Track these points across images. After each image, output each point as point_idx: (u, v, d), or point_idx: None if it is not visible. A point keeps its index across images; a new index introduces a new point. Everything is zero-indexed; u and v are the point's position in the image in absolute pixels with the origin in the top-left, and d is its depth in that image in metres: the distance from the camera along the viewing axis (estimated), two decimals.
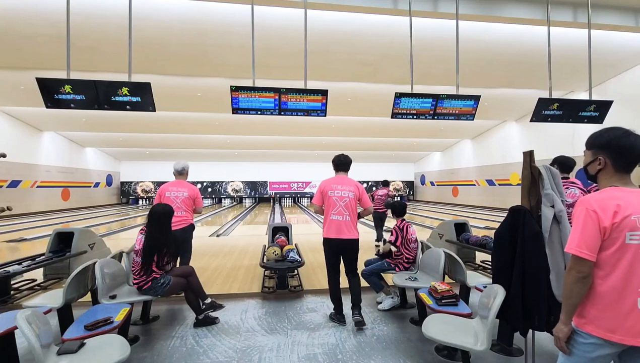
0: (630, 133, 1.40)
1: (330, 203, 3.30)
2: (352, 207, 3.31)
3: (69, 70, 4.04)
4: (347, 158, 3.49)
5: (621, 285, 1.29)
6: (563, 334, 1.40)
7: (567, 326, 1.40)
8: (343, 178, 3.42)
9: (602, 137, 1.44)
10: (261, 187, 24.65)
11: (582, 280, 1.33)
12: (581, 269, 1.33)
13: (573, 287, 1.35)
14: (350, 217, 3.28)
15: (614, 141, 1.40)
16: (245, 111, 4.47)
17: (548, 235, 2.04)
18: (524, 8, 6.28)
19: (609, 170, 1.42)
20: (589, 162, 1.49)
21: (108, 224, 12.21)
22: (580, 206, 1.36)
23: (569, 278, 1.36)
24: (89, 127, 15.50)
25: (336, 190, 3.31)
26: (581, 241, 1.32)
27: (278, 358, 2.66)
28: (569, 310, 1.39)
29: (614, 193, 1.35)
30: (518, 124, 15.17)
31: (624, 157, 1.39)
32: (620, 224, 1.29)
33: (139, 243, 3.04)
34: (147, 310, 3.35)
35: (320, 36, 6.82)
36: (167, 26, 6.67)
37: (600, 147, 1.44)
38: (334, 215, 3.26)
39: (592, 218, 1.31)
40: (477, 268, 4.99)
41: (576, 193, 3.07)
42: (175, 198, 3.90)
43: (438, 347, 2.78)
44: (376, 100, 10.77)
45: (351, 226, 3.28)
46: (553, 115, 5.22)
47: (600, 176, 1.46)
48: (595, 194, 1.38)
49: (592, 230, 1.31)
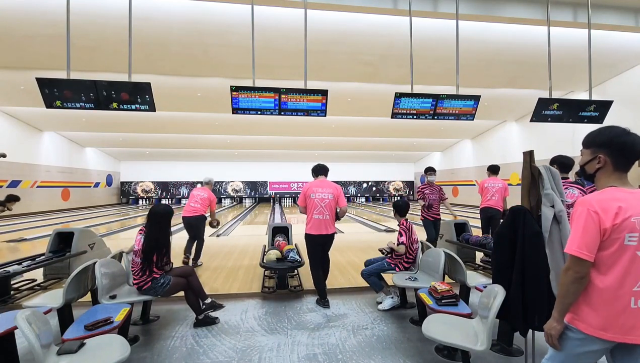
0: (628, 132, 1.39)
1: (312, 205, 3.78)
2: (331, 207, 3.79)
3: (69, 70, 4.04)
4: (324, 166, 4.06)
5: (616, 285, 1.30)
6: (556, 331, 1.41)
7: (560, 324, 1.41)
8: (323, 181, 3.92)
9: (603, 135, 1.43)
10: (261, 187, 24.65)
11: (580, 280, 1.34)
12: (580, 270, 1.33)
13: (570, 286, 1.36)
14: (330, 216, 3.78)
15: (615, 139, 1.39)
16: (245, 111, 4.47)
17: (548, 235, 2.04)
18: (524, 8, 6.28)
19: (608, 169, 1.41)
20: (587, 161, 1.48)
21: (108, 224, 12.20)
22: (581, 206, 1.35)
23: (567, 278, 1.36)
24: (89, 127, 15.50)
25: (317, 193, 3.79)
26: (582, 242, 1.31)
27: (278, 358, 2.66)
28: (562, 308, 1.40)
29: (615, 194, 1.34)
30: (518, 124, 15.17)
31: (624, 155, 1.38)
32: (621, 225, 1.28)
33: (138, 243, 3.04)
34: (147, 310, 3.35)
35: (320, 36, 6.82)
36: (167, 26, 6.66)
37: (600, 145, 1.43)
38: (316, 214, 3.75)
39: (593, 219, 1.31)
40: (477, 268, 4.99)
41: (575, 193, 3.07)
42: (197, 195, 5.43)
43: (438, 347, 2.78)
44: (376, 100, 10.77)
45: (330, 223, 3.81)
46: (553, 115, 5.21)
47: (598, 175, 1.45)
48: (596, 195, 1.37)
49: (593, 231, 1.30)
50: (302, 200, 3.87)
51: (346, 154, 22.48)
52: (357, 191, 25.58)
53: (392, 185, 25.94)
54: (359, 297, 4.00)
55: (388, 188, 25.90)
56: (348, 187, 25.42)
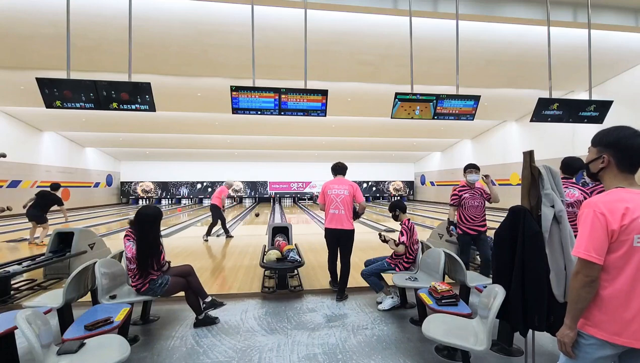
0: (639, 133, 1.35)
1: (329, 200, 4.00)
2: (347, 203, 3.95)
3: (69, 70, 4.04)
4: (344, 164, 4.27)
5: (628, 288, 1.26)
6: (569, 339, 1.36)
7: (573, 331, 1.35)
8: (340, 179, 4.14)
9: (611, 135, 1.39)
10: (261, 187, 24.65)
11: (590, 284, 1.30)
12: (589, 273, 1.29)
13: (580, 291, 1.31)
14: (346, 211, 3.93)
15: (622, 140, 1.36)
16: (245, 111, 4.47)
17: (548, 235, 2.03)
18: (524, 8, 6.28)
19: (613, 170, 1.39)
20: (592, 159, 1.45)
21: (108, 224, 12.20)
22: (588, 208, 1.32)
23: (576, 282, 1.32)
24: (89, 127, 15.50)
25: (333, 189, 4.01)
26: (589, 244, 1.28)
27: (278, 358, 2.66)
28: (575, 314, 1.34)
29: (621, 195, 1.31)
30: (518, 124, 15.17)
31: (629, 157, 1.36)
32: (629, 227, 1.25)
33: (129, 250, 2.95)
34: (147, 310, 3.35)
35: (320, 36, 6.82)
36: (167, 26, 6.66)
37: (607, 145, 1.40)
38: (332, 209, 3.95)
39: (600, 221, 1.28)
40: (477, 268, 4.99)
41: (575, 193, 3.05)
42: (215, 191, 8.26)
43: (438, 347, 2.78)
44: (376, 100, 10.77)
45: (346, 219, 3.93)
46: (553, 115, 5.21)
47: (604, 175, 1.43)
48: (603, 196, 1.34)
49: (600, 233, 1.27)
50: (322, 198, 4.12)
51: (346, 153, 22.47)
52: None
53: (392, 185, 25.93)
54: (359, 297, 4.00)
55: (388, 189, 25.89)
56: None
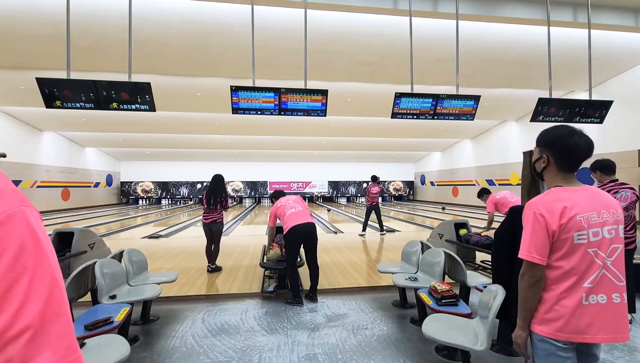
0: (575, 132, 1.37)
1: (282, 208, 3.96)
2: (299, 201, 4.04)
3: (69, 70, 4.05)
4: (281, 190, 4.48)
5: (570, 285, 1.29)
6: (522, 340, 1.39)
7: (525, 331, 1.39)
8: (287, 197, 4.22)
9: (548, 135, 1.43)
10: (261, 187, 24.64)
11: (536, 284, 1.33)
12: (534, 274, 1.32)
13: (527, 292, 1.35)
14: (302, 209, 3.93)
15: (557, 140, 1.39)
16: (245, 111, 4.48)
17: None
18: (524, 8, 6.28)
19: (552, 169, 1.41)
20: (536, 159, 1.48)
21: (108, 224, 12.20)
22: (529, 210, 1.36)
23: (523, 283, 1.35)
24: (89, 127, 15.50)
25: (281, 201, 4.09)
26: (531, 246, 1.31)
27: (278, 358, 2.66)
28: (525, 315, 1.37)
29: (559, 194, 1.34)
30: (518, 124, 15.17)
31: (565, 156, 1.38)
32: (567, 225, 1.28)
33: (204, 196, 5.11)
34: (147, 310, 3.36)
35: (320, 36, 6.82)
36: (167, 26, 6.66)
37: (545, 145, 1.43)
38: (289, 209, 3.91)
39: (539, 222, 1.31)
40: (477, 268, 4.99)
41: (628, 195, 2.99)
42: None
43: (438, 347, 2.78)
44: (376, 100, 10.77)
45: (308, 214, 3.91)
46: (553, 115, 5.21)
47: (545, 174, 1.46)
48: (542, 197, 1.37)
49: (541, 234, 1.30)
50: (273, 219, 4.09)
51: (346, 153, 22.49)
52: (357, 191, 25.56)
53: (392, 185, 25.93)
54: (359, 297, 4.00)
55: (388, 188, 25.89)
56: (348, 187, 25.42)
